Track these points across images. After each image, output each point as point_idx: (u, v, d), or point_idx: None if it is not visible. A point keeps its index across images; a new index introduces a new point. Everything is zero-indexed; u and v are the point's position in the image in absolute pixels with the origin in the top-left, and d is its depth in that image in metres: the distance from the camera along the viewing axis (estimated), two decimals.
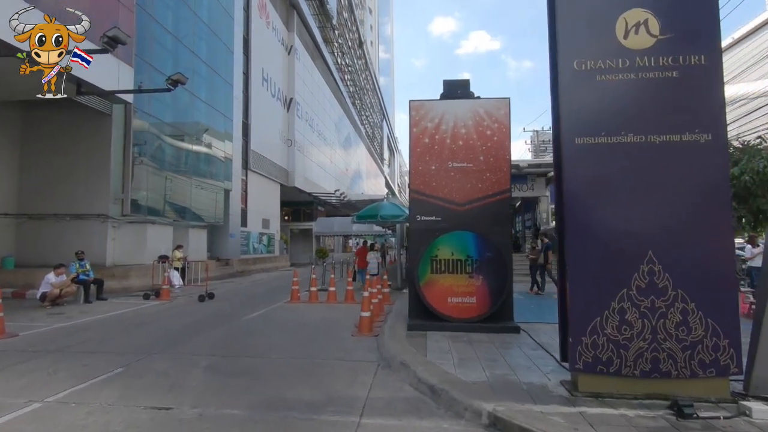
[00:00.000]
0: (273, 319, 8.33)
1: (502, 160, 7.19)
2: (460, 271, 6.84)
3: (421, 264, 6.90)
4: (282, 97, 27.51)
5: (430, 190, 7.25)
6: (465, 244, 6.88)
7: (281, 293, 12.31)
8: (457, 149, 7.27)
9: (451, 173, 7.24)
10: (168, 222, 14.94)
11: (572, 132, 3.98)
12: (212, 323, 7.81)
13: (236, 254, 20.58)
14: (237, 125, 20.58)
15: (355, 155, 52.65)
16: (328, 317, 8.47)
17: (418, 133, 7.37)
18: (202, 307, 9.92)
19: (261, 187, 24.35)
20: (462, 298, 6.79)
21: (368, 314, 6.94)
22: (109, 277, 12.26)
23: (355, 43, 52.06)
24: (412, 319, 7.00)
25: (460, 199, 7.18)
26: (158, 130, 14.31)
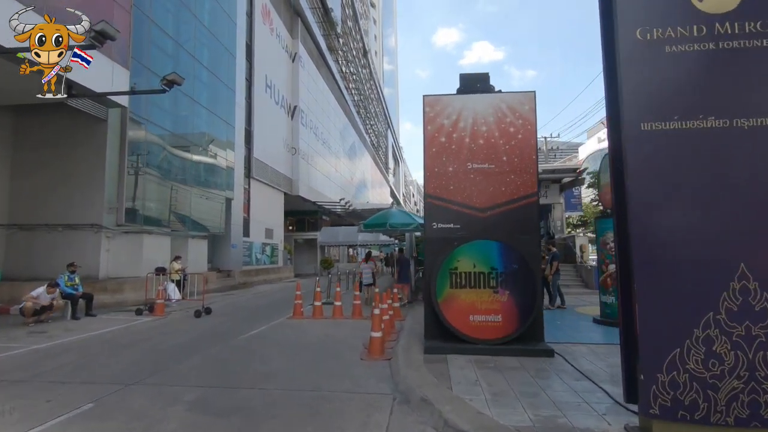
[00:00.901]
0: (273, 338, 7.55)
1: (528, 161, 6.44)
2: (483, 285, 6.05)
3: (438, 277, 6.12)
4: (286, 104, 27.00)
5: (448, 195, 6.50)
6: (488, 255, 6.10)
7: (284, 307, 11.53)
8: (478, 149, 6.52)
9: (470, 175, 6.49)
10: (166, 232, 14.26)
11: (636, 116, 3.22)
12: (205, 343, 7.04)
13: (238, 265, 19.86)
14: (239, 132, 20.01)
15: (360, 164, 52.10)
16: (334, 336, 7.68)
17: (434, 132, 6.64)
18: (198, 323, 9.16)
19: (264, 196, 23.70)
20: (486, 316, 5.98)
21: (379, 335, 6.14)
22: (102, 290, 11.55)
23: (359, 52, 51.84)
24: (430, 340, 6.19)
25: (482, 204, 6.41)
26: (156, 136, 13.70)
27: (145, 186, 13.01)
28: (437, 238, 6.43)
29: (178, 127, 15.08)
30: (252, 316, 10.37)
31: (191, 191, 15.48)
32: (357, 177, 49.54)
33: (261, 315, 10.44)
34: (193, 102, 15.80)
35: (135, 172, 12.72)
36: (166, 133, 14.31)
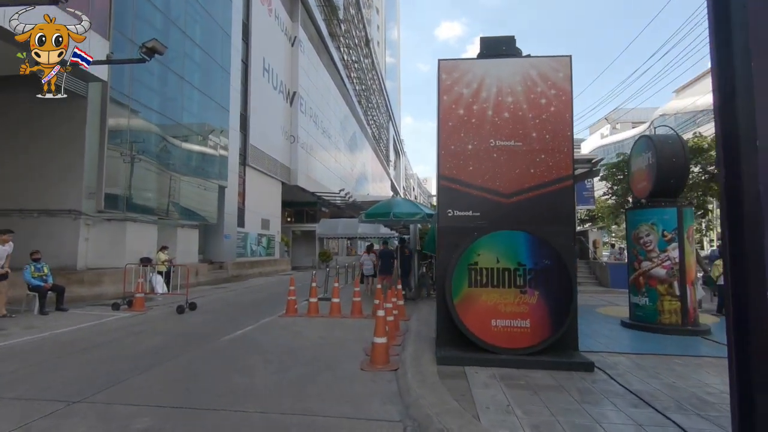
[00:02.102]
0: (260, 341, 6.59)
1: (562, 138, 5.44)
2: (508, 284, 5.08)
3: (454, 274, 5.15)
4: (285, 90, 25.90)
5: (466, 177, 5.51)
6: (515, 248, 5.12)
7: (277, 303, 10.58)
8: (502, 123, 5.53)
9: (493, 154, 5.50)
10: (152, 220, 13.28)
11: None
12: (181, 346, 6.09)
13: (232, 257, 18.91)
14: (234, 117, 18.96)
15: (361, 156, 51.02)
16: (331, 338, 6.73)
17: (450, 102, 5.64)
18: (178, 321, 8.20)
19: (260, 184, 22.69)
20: (511, 320, 5.02)
21: (384, 340, 5.18)
22: (78, 282, 10.60)
23: (361, 41, 50.48)
24: (444, 347, 5.24)
25: (506, 188, 5.43)
26: (142, 117, 12.66)
27: (128, 170, 12.00)
28: (453, 228, 5.45)
29: (167, 108, 14.03)
30: (240, 312, 9.42)
31: (181, 177, 14.47)
32: (357, 169, 48.48)
33: (251, 312, 9.48)
34: (184, 82, 14.74)
35: (120, 155, 11.70)
36: (153, 114, 13.27)
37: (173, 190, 14.11)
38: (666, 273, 7.06)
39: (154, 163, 13.18)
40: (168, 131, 13.91)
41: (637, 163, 7.97)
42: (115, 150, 11.52)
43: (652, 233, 7.23)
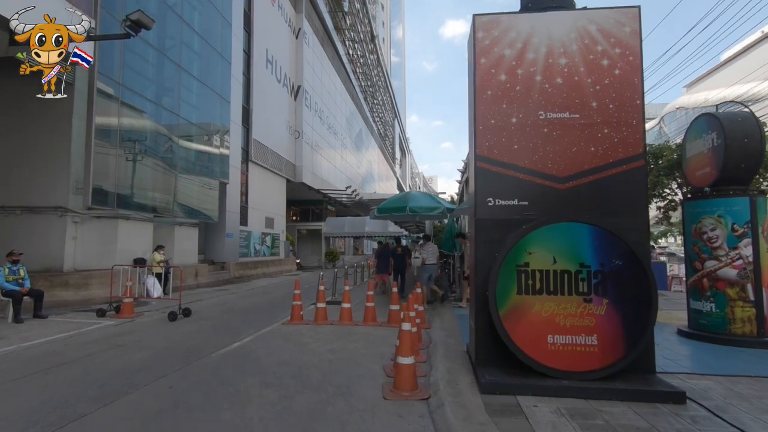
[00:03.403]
0: (259, 356, 5.59)
1: (630, 107, 4.39)
2: (568, 290, 4.03)
3: (499, 278, 4.11)
4: (289, 83, 24.94)
5: (510, 157, 4.47)
6: (576, 245, 4.07)
7: (280, 308, 9.61)
8: (554, 90, 4.48)
9: (543, 129, 4.46)
10: (146, 218, 12.34)
11: None
12: (166, 364, 5.11)
13: (234, 257, 17.97)
14: (236, 110, 18.01)
15: (367, 154, 50.05)
16: (342, 352, 5.71)
17: (489, 67, 4.59)
18: (169, 330, 7.23)
19: (264, 181, 21.75)
20: (573, 336, 3.97)
21: (411, 361, 4.15)
22: (62, 285, 9.69)
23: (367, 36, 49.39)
24: (485, 368, 4.20)
25: (561, 170, 4.39)
26: (135, 105, 11.71)
27: (120, 164, 11.06)
28: (494, 221, 4.42)
29: (163, 98, 13.09)
30: (240, 319, 8.43)
31: (179, 172, 13.52)
32: (364, 167, 47.49)
33: (251, 318, 8.50)
34: (181, 70, 13.79)
35: (110, 147, 10.75)
36: (147, 103, 12.32)
37: (170, 185, 13.17)
38: (737, 274, 5.97)
39: (149, 157, 12.24)
40: (164, 123, 12.96)
41: (695, 147, 6.87)
42: (105, 141, 10.58)
43: (718, 227, 6.14)
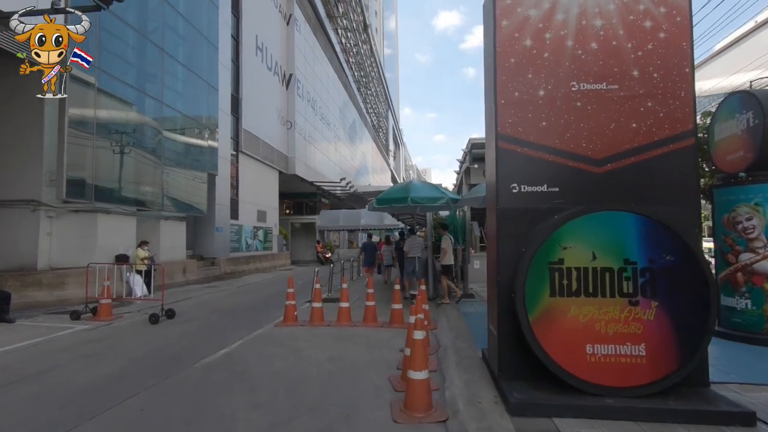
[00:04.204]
0: (248, 365, 4.94)
1: (678, 76, 3.76)
2: (610, 291, 3.42)
3: (528, 278, 3.48)
4: (280, 71, 24.05)
5: (538, 136, 3.83)
6: (619, 238, 3.46)
7: (273, 307, 8.95)
8: (589, 57, 3.84)
9: (576, 103, 3.82)
10: (129, 212, 11.57)
11: None
12: (140, 377, 4.45)
13: (225, 252, 17.24)
14: (224, 98, 17.16)
15: (361, 145, 49.24)
16: (343, 360, 5.08)
17: (512, 30, 3.93)
18: (149, 334, 6.56)
19: (256, 173, 20.95)
20: (617, 346, 3.37)
21: (425, 376, 3.52)
22: (35, 285, 8.95)
23: (360, 26, 48.34)
24: (513, 383, 3.59)
25: (597, 150, 3.76)
26: (113, 91, 10.88)
27: (98, 154, 10.26)
28: (519, 211, 3.79)
29: (145, 83, 12.25)
30: (229, 320, 7.77)
31: (165, 163, 12.73)
32: (358, 158, 46.72)
33: (241, 319, 7.85)
34: (165, 54, 12.93)
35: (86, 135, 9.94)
36: (128, 89, 11.49)
37: (155, 177, 12.39)
38: None
39: (131, 147, 11.45)
40: (147, 110, 12.15)
41: (727, 129, 6.27)
42: (80, 130, 9.78)
43: (755, 216, 5.56)
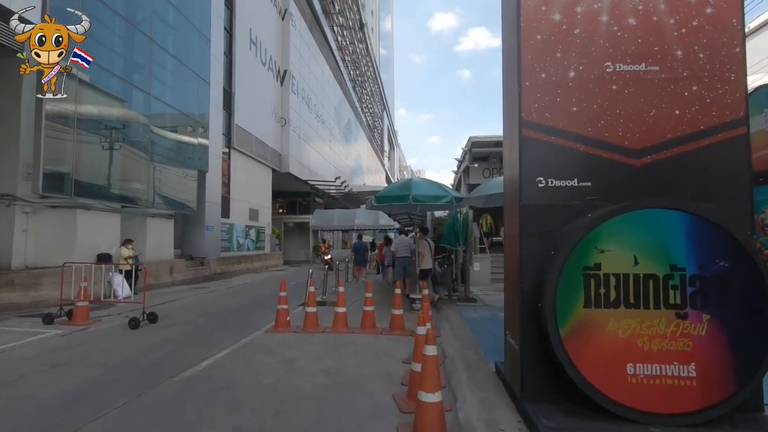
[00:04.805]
0: (233, 380, 4.42)
1: (728, 57, 3.31)
2: (654, 301, 2.96)
3: (560, 286, 3.01)
4: (275, 67, 23.47)
5: (568, 123, 3.37)
6: (665, 240, 2.99)
7: (264, 309, 8.42)
8: (626, 35, 3.38)
9: (612, 86, 3.36)
10: (113, 208, 10.97)
11: None
12: (110, 394, 3.91)
13: (215, 251, 16.64)
14: (216, 92, 16.58)
15: (356, 145, 48.74)
16: (340, 372, 4.58)
17: (539, 3, 3.46)
18: (128, 341, 6.01)
19: (248, 170, 20.36)
20: (663, 365, 2.90)
21: (438, 399, 3.02)
22: (7, 285, 8.34)
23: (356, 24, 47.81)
24: (539, 407, 3.11)
25: (635, 140, 3.31)
26: (97, 80, 10.28)
27: (79, 146, 9.66)
28: (547, 208, 3.32)
29: (132, 74, 11.66)
30: (216, 325, 7.23)
31: (152, 158, 12.14)
32: (352, 158, 46.20)
33: (230, 323, 7.31)
34: (153, 43, 12.33)
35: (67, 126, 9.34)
36: (114, 79, 10.90)
37: (141, 172, 11.79)
38: None
39: (116, 140, 10.85)
40: (134, 102, 11.55)
41: (755, 124, 5.86)
42: (60, 121, 9.17)
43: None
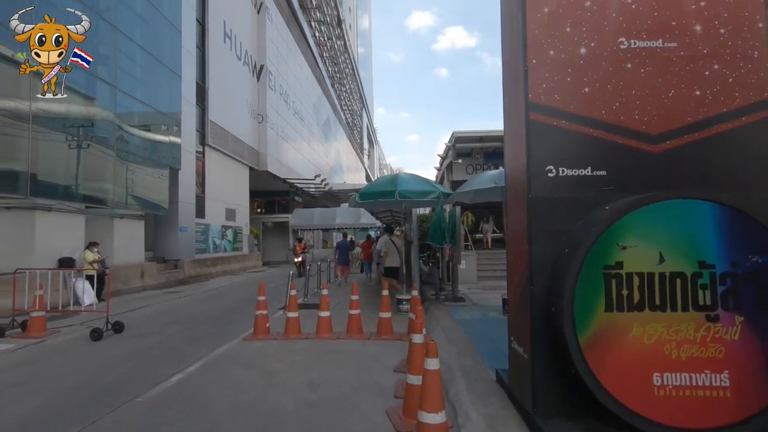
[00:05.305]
0: (206, 399, 3.94)
1: (751, 33, 3.03)
2: (683, 302, 2.64)
3: (578, 288, 2.66)
4: (251, 62, 22.72)
5: (579, 105, 3.03)
6: (693, 234, 2.68)
7: (242, 314, 7.90)
8: (641, 8, 3.06)
9: (626, 64, 3.04)
10: (75, 209, 10.20)
11: None
12: (59, 421, 3.39)
13: (189, 254, 15.89)
14: (189, 86, 15.81)
15: (336, 143, 48.13)
16: (326, 386, 4.15)
17: None
18: (87, 355, 5.42)
19: (224, 169, 19.61)
20: (693, 375, 2.59)
21: (441, 419, 2.64)
22: None
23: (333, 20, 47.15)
24: (557, 425, 2.76)
25: (653, 124, 2.99)
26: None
27: (36, 143, 8.88)
28: (558, 200, 2.98)
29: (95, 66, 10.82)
30: (188, 334, 6.68)
31: (119, 155, 11.38)
32: (332, 156, 45.57)
33: (204, 332, 6.77)
34: (118, 32, 11.54)
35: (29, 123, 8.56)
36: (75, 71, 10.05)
37: (108, 170, 11.02)
38: None
39: (79, 136, 10.08)
40: (98, 96, 10.79)
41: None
42: (12, 115, 8.40)
43: None
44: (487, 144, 14.81)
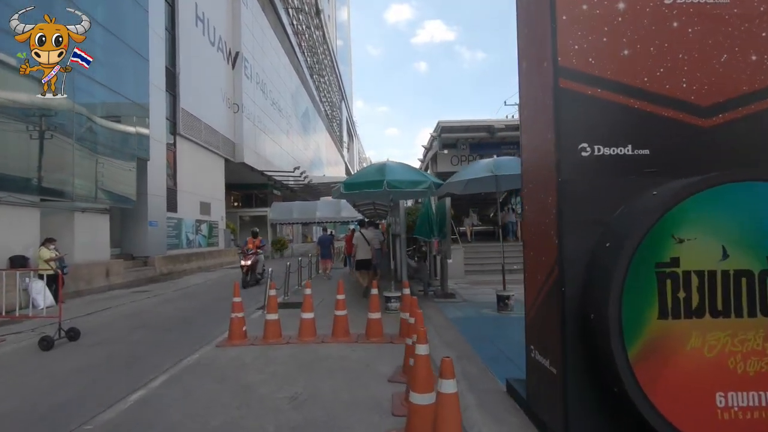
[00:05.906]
0: (168, 424, 3.32)
1: None
2: (749, 306, 2.19)
3: (626, 291, 2.18)
4: (225, 48, 21.64)
5: (617, 71, 2.53)
6: (759, 224, 2.23)
7: (216, 316, 7.24)
8: None
9: (672, 23, 2.55)
10: (28, 201, 9.26)
11: None
12: None
13: (161, 249, 14.96)
14: (158, 71, 14.78)
15: (315, 135, 47.10)
16: (312, 403, 3.59)
17: None
18: (34, 368, 4.69)
19: (198, 160, 18.63)
20: (762, 393, 2.15)
21: None
22: None
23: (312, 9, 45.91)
24: None
25: (702, 94, 2.52)
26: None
27: None
28: (594, 185, 2.48)
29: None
30: (153, 340, 5.98)
31: (78, 143, 10.42)
32: (311, 149, 44.60)
33: (172, 338, 6.08)
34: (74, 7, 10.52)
35: None
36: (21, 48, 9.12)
37: (66, 160, 10.07)
38: None
39: (30, 122, 9.13)
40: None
41: None
42: None
43: None
44: (473, 134, 14.39)
